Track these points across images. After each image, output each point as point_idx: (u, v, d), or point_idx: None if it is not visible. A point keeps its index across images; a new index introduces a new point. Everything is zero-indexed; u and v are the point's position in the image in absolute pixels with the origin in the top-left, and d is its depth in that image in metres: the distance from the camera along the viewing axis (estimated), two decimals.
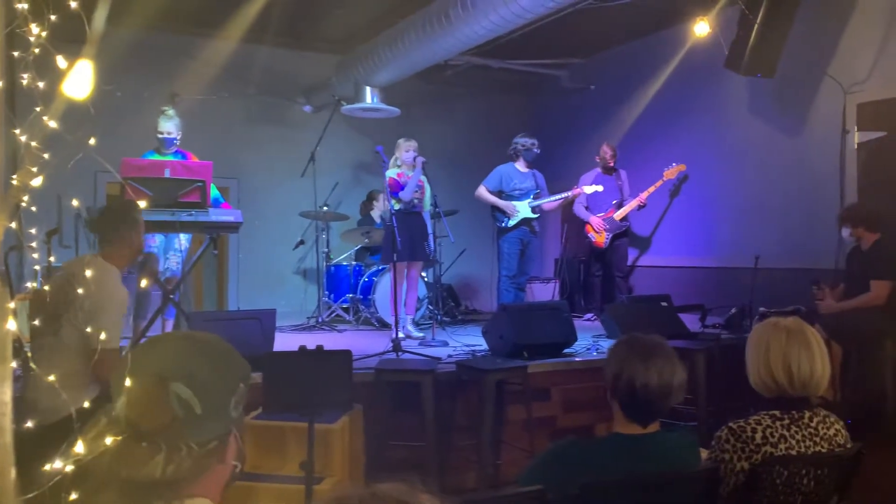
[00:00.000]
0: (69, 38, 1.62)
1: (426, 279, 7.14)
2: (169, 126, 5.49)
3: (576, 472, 1.94)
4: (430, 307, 7.06)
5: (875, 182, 5.86)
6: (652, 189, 7.39)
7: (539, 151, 6.80)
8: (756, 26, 5.83)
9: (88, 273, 2.99)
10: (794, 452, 2.13)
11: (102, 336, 2.99)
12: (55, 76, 1.49)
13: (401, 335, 5.43)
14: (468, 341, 5.78)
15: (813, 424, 2.19)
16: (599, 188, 7.11)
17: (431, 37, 6.47)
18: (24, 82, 1.58)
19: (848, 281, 5.30)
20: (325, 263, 7.58)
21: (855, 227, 5.19)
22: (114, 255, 3.20)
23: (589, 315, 7.57)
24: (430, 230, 6.32)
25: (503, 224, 6.75)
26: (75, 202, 3.03)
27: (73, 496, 1.13)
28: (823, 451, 2.17)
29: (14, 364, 1.44)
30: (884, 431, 4.86)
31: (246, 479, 3.46)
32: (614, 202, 7.40)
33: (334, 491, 0.91)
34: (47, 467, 1.17)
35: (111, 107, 6.25)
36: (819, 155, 6.30)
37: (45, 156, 1.53)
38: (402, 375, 4.21)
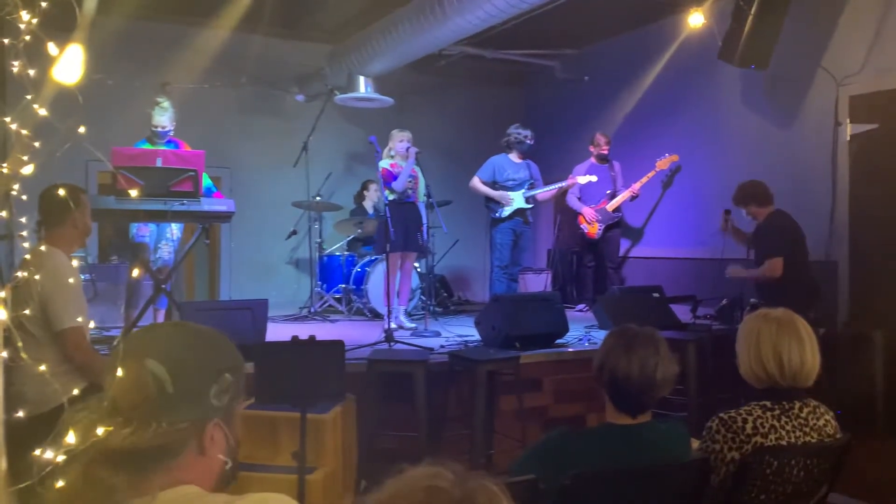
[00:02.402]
0: (59, 26, 1.61)
1: (419, 270, 7.14)
2: (163, 119, 5.45)
3: (567, 462, 1.95)
4: (423, 298, 7.06)
5: (867, 174, 5.88)
6: (644, 180, 7.39)
7: (533, 143, 6.81)
8: (750, 17, 5.83)
9: (35, 263, 2.97)
10: (784, 443, 2.14)
11: (57, 319, 2.99)
12: (46, 64, 1.48)
13: (393, 326, 5.43)
14: (461, 332, 5.78)
15: (803, 415, 2.20)
16: (594, 178, 7.12)
17: (425, 26, 6.45)
18: (15, 70, 1.57)
19: (756, 258, 5.36)
20: (317, 254, 7.56)
21: (747, 206, 5.25)
22: (59, 239, 3.18)
23: (581, 306, 7.59)
24: (424, 220, 6.31)
25: (497, 215, 6.77)
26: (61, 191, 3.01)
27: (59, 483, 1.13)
28: (813, 441, 2.18)
29: (4, 354, 1.44)
30: (873, 423, 4.90)
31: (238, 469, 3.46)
32: (607, 193, 7.40)
33: (426, 479, 0.91)
34: (38, 457, 1.17)
35: (102, 96, 6.20)
36: (811, 147, 6.31)
37: (36, 144, 1.52)
38: (395, 366, 4.21)
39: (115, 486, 1.12)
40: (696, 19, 6.54)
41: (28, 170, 1.49)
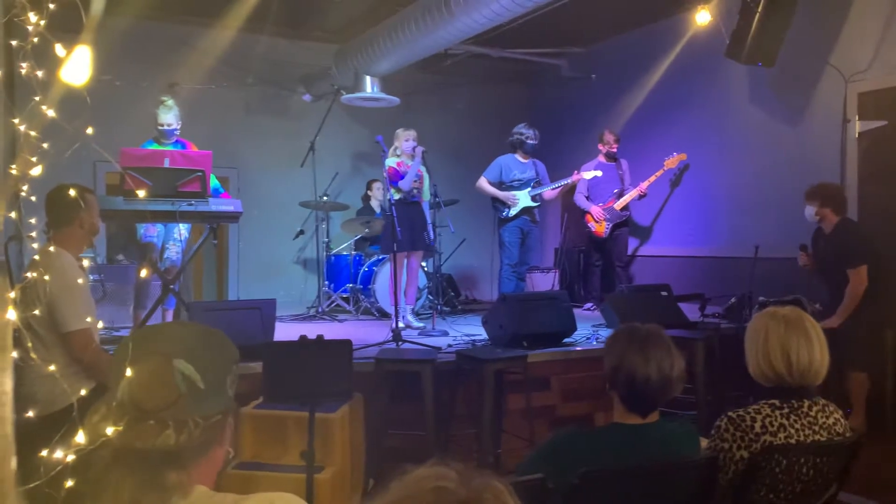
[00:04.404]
0: (67, 27, 1.61)
1: (426, 269, 7.14)
2: (168, 117, 5.46)
3: (576, 462, 1.95)
4: (430, 297, 7.07)
5: (876, 171, 5.85)
6: (652, 178, 7.37)
7: (536, 142, 6.80)
8: (757, 15, 5.81)
9: (43, 264, 2.98)
10: (793, 441, 2.13)
11: (65, 321, 3.00)
12: (54, 65, 1.49)
13: (401, 325, 5.43)
14: (468, 331, 5.79)
15: (812, 413, 2.19)
16: (598, 173, 7.10)
17: (431, 26, 6.45)
18: (23, 71, 1.57)
19: (814, 261, 5.27)
20: (325, 253, 7.58)
21: (822, 207, 5.06)
22: (66, 240, 3.19)
23: (588, 305, 7.57)
24: (429, 220, 6.32)
25: (503, 214, 6.77)
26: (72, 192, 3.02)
27: (73, 482, 1.14)
28: (822, 439, 2.17)
29: (14, 354, 1.44)
30: (883, 422, 4.87)
31: (247, 469, 3.48)
32: (615, 191, 7.38)
33: (432, 480, 0.92)
34: (47, 457, 1.18)
35: (110, 96, 6.24)
36: (820, 144, 6.29)
37: (44, 145, 1.53)
38: (403, 365, 4.22)
39: (168, 483, 1.16)
40: (703, 17, 6.52)
41: (37, 171, 1.50)
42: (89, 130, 1.69)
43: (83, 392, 2.84)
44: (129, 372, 1.18)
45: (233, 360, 1.30)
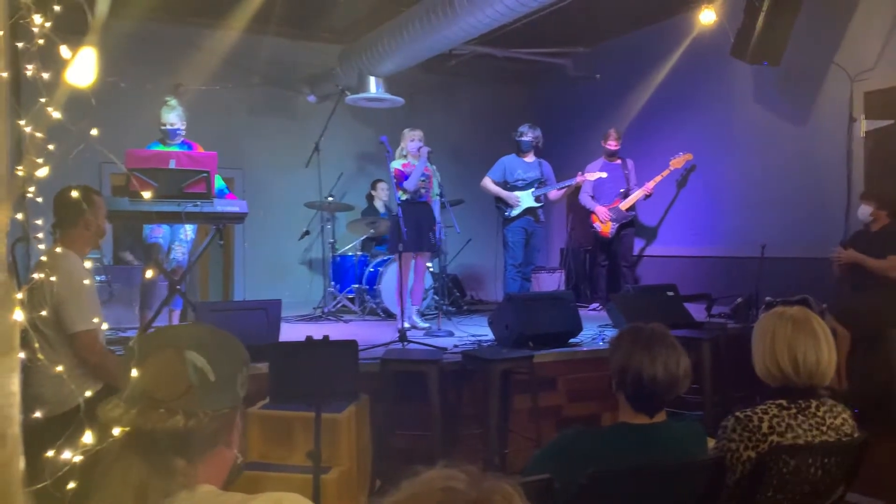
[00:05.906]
0: (73, 29, 1.61)
1: (432, 269, 7.14)
2: (172, 117, 5.47)
3: (583, 462, 1.94)
4: (436, 297, 7.06)
5: (882, 170, 5.83)
6: (658, 178, 7.36)
7: (531, 140, 6.80)
8: (762, 14, 5.79)
9: (50, 265, 2.98)
10: (800, 442, 2.13)
11: (72, 321, 3.00)
12: (59, 67, 1.49)
13: (406, 325, 5.43)
14: (474, 331, 5.78)
15: (820, 414, 2.18)
16: (603, 174, 7.10)
17: (435, 26, 6.45)
18: (29, 73, 1.57)
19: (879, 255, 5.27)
20: (330, 254, 7.58)
21: (879, 209, 5.15)
22: (73, 241, 3.20)
23: (594, 305, 7.56)
24: (438, 219, 6.30)
25: (507, 214, 6.77)
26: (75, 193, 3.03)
27: (81, 475, 1.15)
28: (830, 440, 2.16)
29: (22, 355, 1.45)
30: (891, 422, 4.85)
31: (253, 469, 3.48)
32: (621, 191, 7.37)
33: (442, 481, 0.92)
34: (55, 457, 1.18)
35: (115, 98, 6.24)
36: (826, 143, 6.27)
37: (50, 147, 1.53)
38: (408, 365, 4.21)
39: (176, 469, 1.17)
40: (707, 16, 6.50)
41: (43, 172, 1.50)
42: (94, 132, 1.70)
43: (89, 393, 2.84)
44: (139, 372, 1.19)
45: (243, 361, 1.32)
